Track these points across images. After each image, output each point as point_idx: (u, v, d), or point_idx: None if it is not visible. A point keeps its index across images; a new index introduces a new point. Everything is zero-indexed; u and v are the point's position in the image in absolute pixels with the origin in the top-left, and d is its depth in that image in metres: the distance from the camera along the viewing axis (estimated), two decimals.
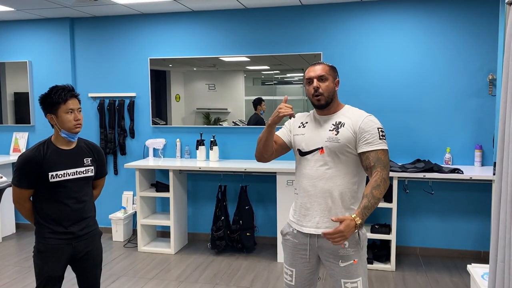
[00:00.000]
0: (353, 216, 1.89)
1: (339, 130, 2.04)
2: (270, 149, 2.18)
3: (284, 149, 2.26)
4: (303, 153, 2.13)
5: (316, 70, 2.09)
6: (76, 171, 2.27)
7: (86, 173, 2.31)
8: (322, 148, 2.05)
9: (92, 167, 2.35)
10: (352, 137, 2.02)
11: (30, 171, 2.17)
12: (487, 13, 4.00)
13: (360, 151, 2.02)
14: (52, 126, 2.27)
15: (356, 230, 1.89)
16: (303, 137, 2.14)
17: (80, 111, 2.27)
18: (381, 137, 2.02)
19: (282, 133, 2.26)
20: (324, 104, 2.08)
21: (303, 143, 2.13)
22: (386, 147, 2.03)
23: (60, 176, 2.21)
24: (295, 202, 2.19)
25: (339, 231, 1.84)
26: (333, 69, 2.14)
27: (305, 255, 2.14)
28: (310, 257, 2.13)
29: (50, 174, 2.19)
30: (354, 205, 2.09)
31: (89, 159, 2.34)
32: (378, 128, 2.03)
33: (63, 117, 2.20)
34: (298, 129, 2.19)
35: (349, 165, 2.05)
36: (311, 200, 2.08)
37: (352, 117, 2.07)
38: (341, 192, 2.05)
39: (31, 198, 2.27)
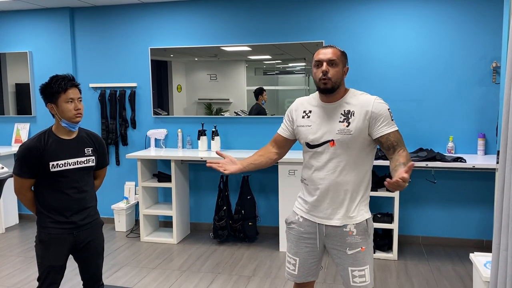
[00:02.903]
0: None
1: (350, 120, 1.97)
2: (262, 165, 2.20)
3: (290, 143, 2.23)
4: (312, 146, 2.05)
5: (327, 53, 2.00)
6: (77, 161, 2.27)
7: (87, 163, 2.31)
8: (332, 140, 1.98)
9: (93, 157, 2.35)
10: (364, 125, 1.96)
11: (31, 160, 2.17)
12: (491, 0, 3.95)
13: (379, 135, 1.95)
14: (53, 115, 2.26)
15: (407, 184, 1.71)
16: (309, 129, 2.05)
17: (80, 100, 2.27)
18: (392, 118, 1.99)
19: (282, 130, 2.21)
20: (329, 89, 1.98)
21: (310, 135, 2.04)
22: (397, 127, 2.00)
23: (61, 165, 2.21)
24: (304, 192, 2.13)
25: (403, 178, 1.66)
26: (344, 55, 2.06)
27: (312, 243, 2.11)
28: (319, 245, 2.10)
29: (51, 163, 2.19)
30: (365, 195, 2.06)
31: (90, 149, 2.34)
32: (388, 110, 1.99)
33: (63, 106, 2.20)
34: (302, 119, 2.10)
35: (359, 157, 2.00)
36: (322, 193, 2.03)
37: (360, 103, 1.99)
38: (354, 183, 2.01)
39: (32, 188, 2.28)
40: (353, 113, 1.98)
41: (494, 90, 4.01)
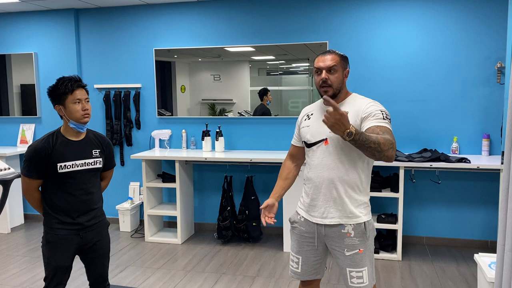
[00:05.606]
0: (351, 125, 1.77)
1: None
2: (292, 183, 2.35)
3: (304, 151, 2.28)
4: (308, 145, 2.15)
5: (326, 60, 2.05)
6: (85, 162, 2.28)
7: (94, 164, 2.32)
8: (326, 139, 2.06)
9: (101, 159, 2.36)
10: (356, 124, 1.99)
11: (39, 161, 2.19)
12: (495, 1, 3.94)
13: (366, 127, 1.94)
14: (61, 117, 2.28)
15: (343, 135, 1.74)
16: (308, 129, 2.15)
17: (87, 101, 2.29)
18: (384, 117, 1.98)
19: (295, 141, 2.32)
20: (331, 96, 2.05)
21: (308, 135, 2.14)
22: (390, 127, 1.96)
23: (69, 167, 2.23)
24: (303, 192, 2.21)
25: (337, 112, 1.71)
26: (344, 59, 2.10)
27: (312, 243, 2.16)
28: (318, 245, 2.16)
29: (58, 165, 2.20)
30: (362, 196, 2.09)
31: (97, 150, 2.36)
32: (381, 111, 1.99)
33: (71, 107, 2.22)
34: (304, 121, 2.21)
35: (353, 156, 2.04)
36: (317, 191, 2.10)
37: (356, 105, 2.05)
38: (346, 182, 2.05)
39: (40, 189, 2.29)
40: (347, 114, 2.00)
41: (498, 91, 4.00)
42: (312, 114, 2.18)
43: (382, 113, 1.99)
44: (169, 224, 4.91)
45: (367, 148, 1.79)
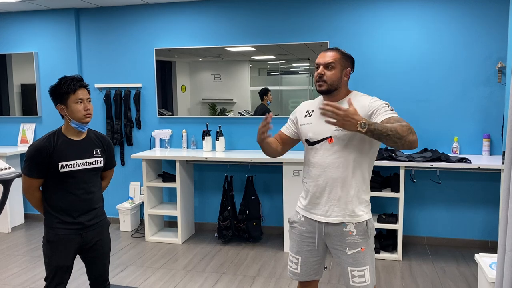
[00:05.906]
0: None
1: None
2: (271, 151, 2.25)
3: (292, 142, 2.29)
4: (311, 143, 2.11)
5: (326, 56, 2.07)
6: (86, 162, 2.29)
7: (95, 164, 2.33)
8: (330, 137, 2.03)
9: (101, 158, 2.37)
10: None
11: (40, 160, 2.19)
12: (496, 0, 3.93)
13: (379, 121, 1.93)
14: (63, 116, 2.29)
15: (358, 128, 1.78)
16: (309, 126, 2.12)
17: (89, 101, 2.30)
18: (391, 109, 1.99)
19: (285, 129, 2.29)
20: (325, 91, 2.06)
21: (310, 133, 2.11)
22: (399, 116, 1.97)
23: (70, 166, 2.23)
24: (304, 191, 2.18)
25: (340, 108, 1.78)
26: (346, 57, 2.10)
27: (312, 242, 2.14)
28: (318, 245, 2.14)
29: (60, 164, 2.20)
30: (364, 194, 2.08)
31: (98, 150, 2.36)
32: (385, 104, 2.00)
33: (73, 107, 2.22)
34: (304, 118, 2.18)
35: (358, 155, 2.03)
36: (320, 190, 2.08)
37: (359, 102, 2.03)
38: (350, 181, 2.04)
39: (40, 188, 2.29)
40: (353, 107, 2.00)
41: (499, 91, 4.00)
42: (312, 111, 2.15)
43: (388, 106, 2.00)
44: (170, 223, 4.91)
45: (386, 137, 1.81)
